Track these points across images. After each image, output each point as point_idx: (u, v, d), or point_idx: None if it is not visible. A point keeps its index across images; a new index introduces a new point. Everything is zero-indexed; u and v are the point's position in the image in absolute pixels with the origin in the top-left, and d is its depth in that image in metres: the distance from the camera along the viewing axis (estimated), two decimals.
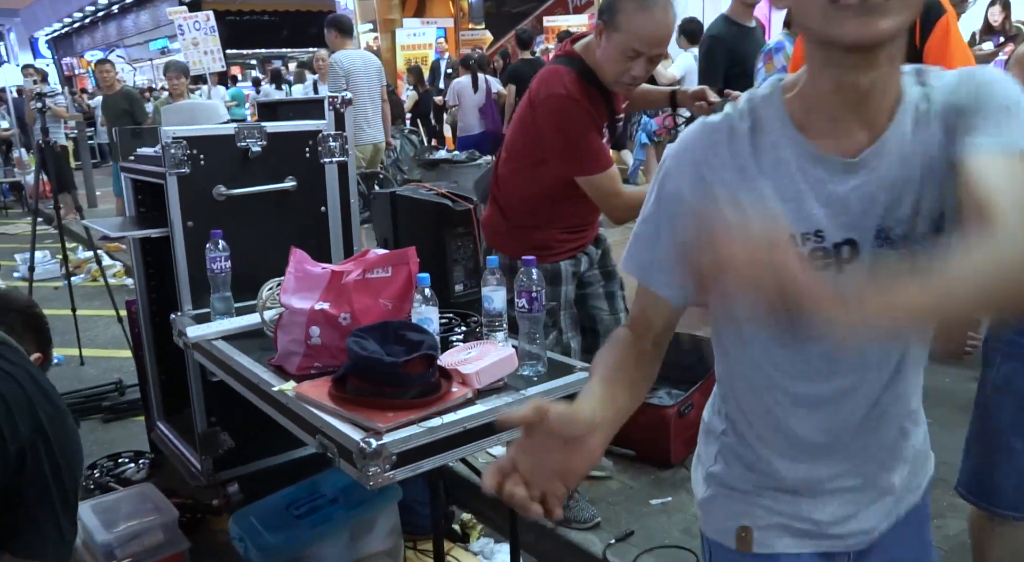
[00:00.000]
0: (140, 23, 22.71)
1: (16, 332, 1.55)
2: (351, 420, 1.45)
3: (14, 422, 1.31)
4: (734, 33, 3.71)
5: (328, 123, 2.36)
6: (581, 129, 2.01)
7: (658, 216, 0.94)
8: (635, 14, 1.86)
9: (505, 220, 2.23)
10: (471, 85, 7.66)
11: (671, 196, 0.92)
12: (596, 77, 2.02)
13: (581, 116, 1.99)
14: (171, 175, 2.11)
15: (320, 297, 1.69)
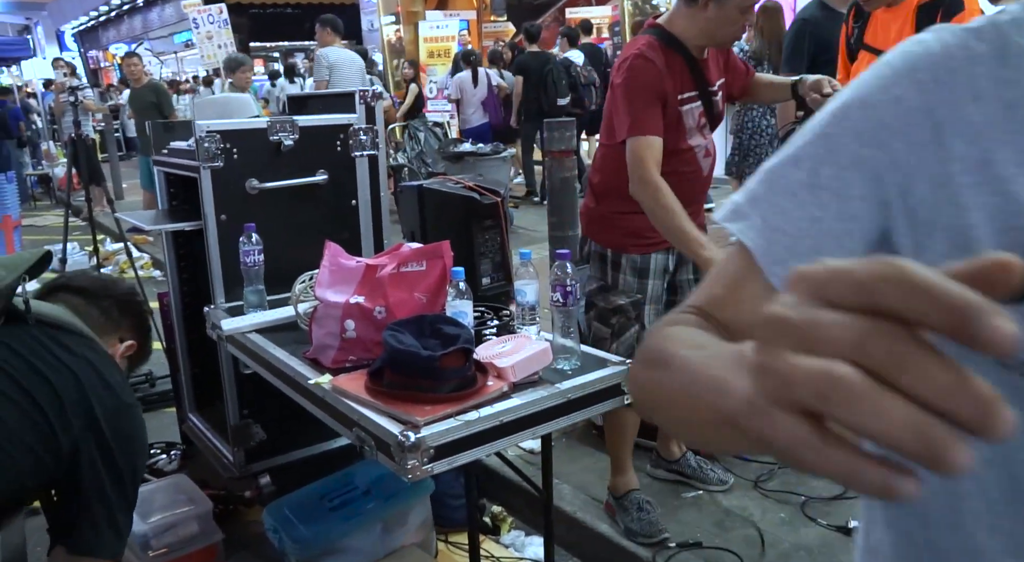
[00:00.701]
0: (165, 16, 22.87)
1: (111, 318, 1.54)
2: (389, 413, 1.45)
3: (66, 417, 1.29)
4: (825, 17, 3.46)
5: (359, 117, 2.36)
6: (640, 89, 1.99)
7: (827, 159, 0.56)
8: None
9: (599, 205, 2.21)
10: (471, 79, 7.95)
11: (865, 134, 0.55)
12: (682, 46, 2.03)
13: (647, 76, 1.98)
14: (205, 169, 2.12)
15: (355, 291, 1.70)
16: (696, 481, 2.52)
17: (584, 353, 1.69)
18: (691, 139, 2.11)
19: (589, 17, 11.66)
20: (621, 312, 2.18)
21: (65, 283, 1.58)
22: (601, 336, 2.18)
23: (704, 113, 2.13)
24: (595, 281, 2.25)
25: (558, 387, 1.55)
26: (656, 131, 2.00)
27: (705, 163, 2.16)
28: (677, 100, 2.05)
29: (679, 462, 2.53)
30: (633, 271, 2.19)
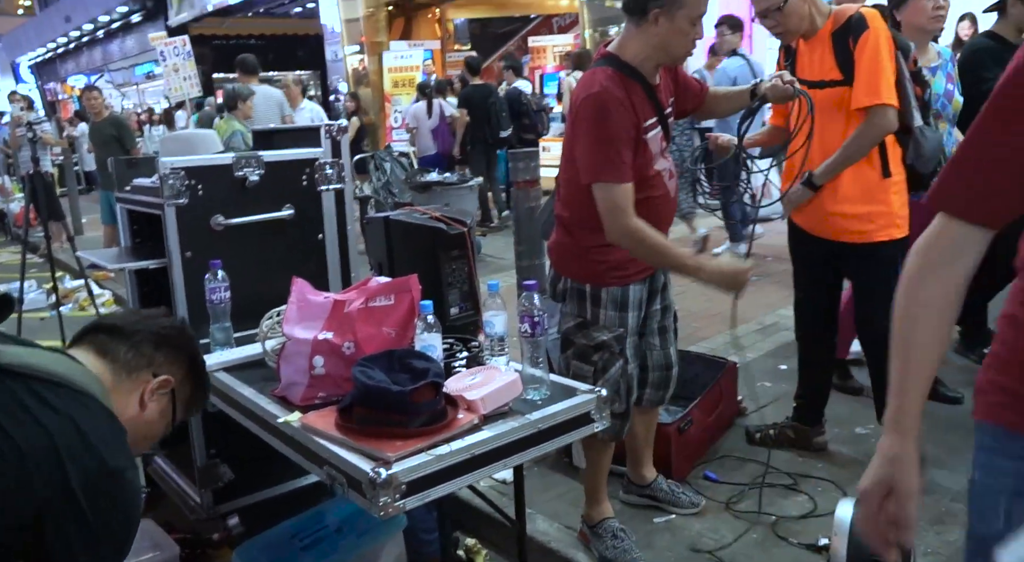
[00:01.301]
0: (126, 48, 22.72)
1: (142, 353, 1.39)
2: (359, 450, 1.45)
3: (28, 480, 1.14)
4: (1000, 47, 3.32)
5: (325, 151, 2.37)
6: (607, 126, 1.98)
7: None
8: None
9: (572, 240, 2.17)
10: (426, 110, 8.23)
11: None
12: (637, 73, 2.04)
13: (614, 110, 1.97)
14: (169, 206, 2.11)
15: (323, 327, 1.70)
16: (668, 505, 2.53)
17: (553, 383, 1.71)
18: (656, 164, 2.12)
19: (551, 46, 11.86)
20: (605, 348, 2.14)
21: (98, 323, 1.45)
22: (582, 375, 2.12)
23: (664, 136, 2.15)
24: (572, 318, 2.20)
25: (528, 418, 1.56)
26: (627, 175, 1.99)
27: (671, 185, 2.18)
28: (643, 128, 2.05)
29: (651, 487, 2.54)
30: (614, 304, 2.15)
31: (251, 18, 18.69)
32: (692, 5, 1.96)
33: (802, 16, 2.46)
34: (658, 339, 2.33)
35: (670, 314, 2.35)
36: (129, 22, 21.30)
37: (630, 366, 2.18)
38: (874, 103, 2.34)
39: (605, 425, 1.70)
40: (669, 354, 2.35)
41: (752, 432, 2.95)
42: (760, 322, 4.36)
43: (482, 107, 7.53)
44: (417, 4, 13.81)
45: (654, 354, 2.33)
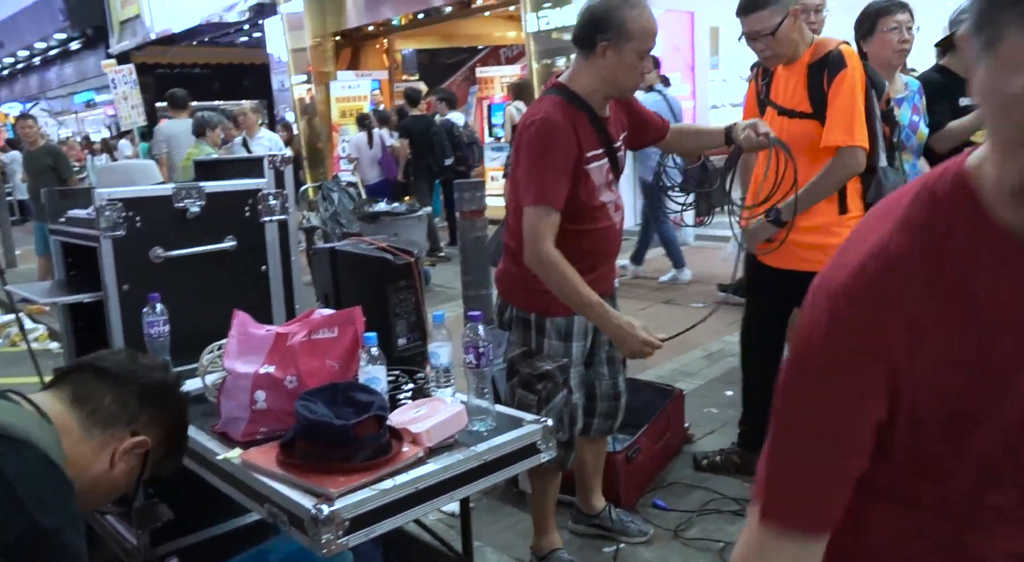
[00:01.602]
0: (64, 75, 22.22)
1: (126, 407, 1.29)
2: (301, 486, 1.42)
3: None
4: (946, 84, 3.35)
5: (268, 181, 2.34)
6: (545, 151, 1.98)
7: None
8: (640, 18, 2.00)
9: (518, 267, 2.15)
10: (367, 141, 8.61)
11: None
12: (586, 103, 2.06)
13: (556, 139, 1.98)
14: (105, 238, 2.06)
15: (265, 360, 1.67)
16: (617, 534, 2.53)
17: (499, 413, 1.70)
18: (601, 195, 2.12)
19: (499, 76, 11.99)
20: (548, 378, 2.15)
21: (92, 361, 1.35)
22: (527, 403, 2.14)
23: (611, 169, 2.16)
24: (518, 347, 2.20)
25: (474, 449, 1.55)
26: (557, 202, 1.99)
27: (616, 217, 2.19)
28: (585, 158, 2.06)
29: (599, 516, 2.54)
30: (558, 334, 2.15)
31: (196, 47, 18.48)
32: (639, 39, 1.99)
33: (790, 42, 2.47)
34: (607, 369, 2.33)
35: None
36: (68, 49, 20.87)
37: (575, 396, 2.19)
38: (846, 144, 2.35)
39: (551, 455, 1.70)
40: (618, 384, 2.36)
41: (699, 459, 2.98)
42: (706, 349, 4.43)
43: (423, 137, 7.77)
44: (364, 34, 13.84)
45: (603, 384, 2.33)
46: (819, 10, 3.22)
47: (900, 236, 0.72)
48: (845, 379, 0.74)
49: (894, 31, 2.85)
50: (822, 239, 2.48)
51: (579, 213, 2.07)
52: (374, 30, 13.60)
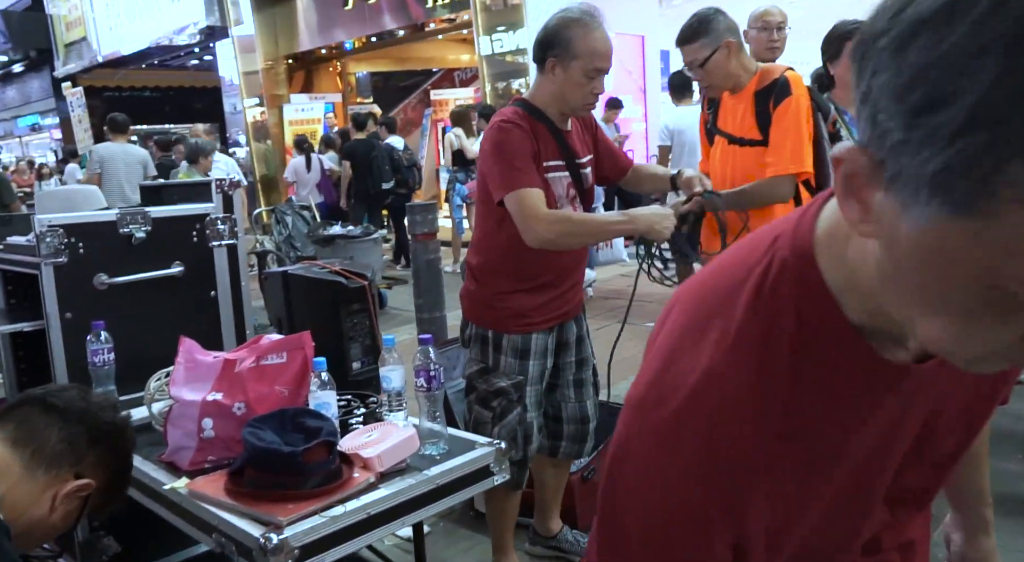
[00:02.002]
0: (6, 99, 21.69)
1: (74, 447, 1.25)
2: (249, 515, 1.40)
3: None
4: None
5: (216, 206, 2.32)
6: (511, 149, 2.01)
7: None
8: (587, 38, 2.00)
9: (479, 287, 2.17)
10: (305, 165, 8.83)
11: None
12: (546, 116, 2.09)
13: (514, 137, 2.01)
14: (46, 265, 2.02)
15: (212, 387, 1.64)
16: (574, 555, 2.53)
17: (452, 436, 1.70)
18: (562, 208, 2.12)
19: (453, 99, 12.05)
20: (503, 394, 2.14)
21: (40, 396, 1.30)
22: (482, 420, 2.14)
23: (573, 185, 2.15)
24: (476, 363, 2.21)
25: (426, 473, 1.55)
26: (531, 182, 1.99)
27: None
28: (543, 167, 2.06)
29: (556, 538, 2.54)
30: (514, 352, 2.15)
31: (146, 70, 18.21)
32: (585, 58, 2.00)
33: (727, 73, 2.50)
34: (573, 392, 2.32)
35: (587, 367, 2.34)
36: (10, 72, 20.40)
37: (529, 414, 2.18)
38: (778, 173, 2.39)
39: (505, 478, 1.70)
40: (586, 407, 2.34)
41: None
42: None
43: (365, 160, 7.96)
44: (317, 57, 13.81)
45: (569, 406, 2.32)
46: (781, 28, 3.30)
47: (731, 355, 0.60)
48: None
49: None
50: None
51: None
52: (327, 53, 13.58)
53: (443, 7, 10.34)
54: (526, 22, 8.99)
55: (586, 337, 2.34)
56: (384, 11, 11.20)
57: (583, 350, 2.32)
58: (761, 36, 3.40)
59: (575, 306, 2.27)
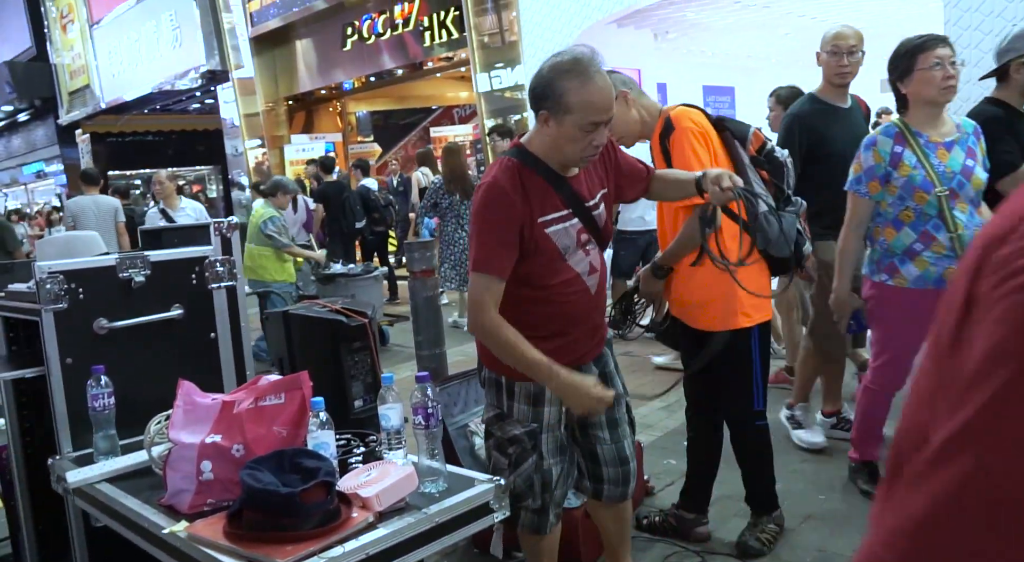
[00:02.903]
0: (12, 147, 21.97)
1: None
2: (248, 558, 1.39)
3: None
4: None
5: (214, 248, 2.34)
6: (489, 218, 1.92)
7: None
8: (581, 90, 1.86)
9: None
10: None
11: None
12: (544, 164, 1.99)
13: (498, 203, 1.92)
14: (47, 311, 2.03)
15: (211, 429, 1.65)
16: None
17: (451, 473, 1.70)
18: (570, 258, 2.02)
19: (452, 136, 12.17)
20: (517, 442, 2.07)
21: None
22: (500, 467, 2.08)
23: (585, 230, 2.04)
24: (492, 409, 2.14)
25: (425, 512, 1.54)
26: (498, 271, 1.92)
27: (591, 281, 2.07)
28: (539, 223, 1.96)
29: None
30: (527, 398, 2.07)
31: (148, 115, 18.47)
32: (580, 113, 1.87)
33: (629, 122, 2.51)
34: (607, 433, 2.19)
35: (620, 406, 2.21)
36: (16, 121, 20.69)
37: (547, 461, 2.09)
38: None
39: (505, 514, 1.69)
40: (623, 448, 2.21)
41: (640, 519, 2.89)
42: (664, 400, 4.45)
43: (337, 201, 8.34)
44: (317, 98, 14.00)
45: (605, 448, 2.19)
46: (853, 52, 3.19)
47: None
48: None
49: (936, 67, 2.60)
50: (706, 297, 2.49)
51: (539, 276, 1.99)
52: (326, 93, 13.77)
53: (440, 46, 10.51)
54: (523, 58, 9.13)
55: (615, 374, 2.24)
56: (382, 51, 11.38)
57: (612, 386, 2.17)
58: (831, 61, 3.27)
59: (592, 348, 2.15)
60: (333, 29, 11.98)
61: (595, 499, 2.26)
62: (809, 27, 10.15)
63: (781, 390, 4.00)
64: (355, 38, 11.65)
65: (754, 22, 9.94)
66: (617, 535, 2.37)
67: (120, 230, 7.45)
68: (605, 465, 2.20)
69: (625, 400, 2.25)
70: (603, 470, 2.21)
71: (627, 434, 2.24)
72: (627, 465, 2.22)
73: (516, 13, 9.11)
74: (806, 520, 2.90)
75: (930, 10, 7.07)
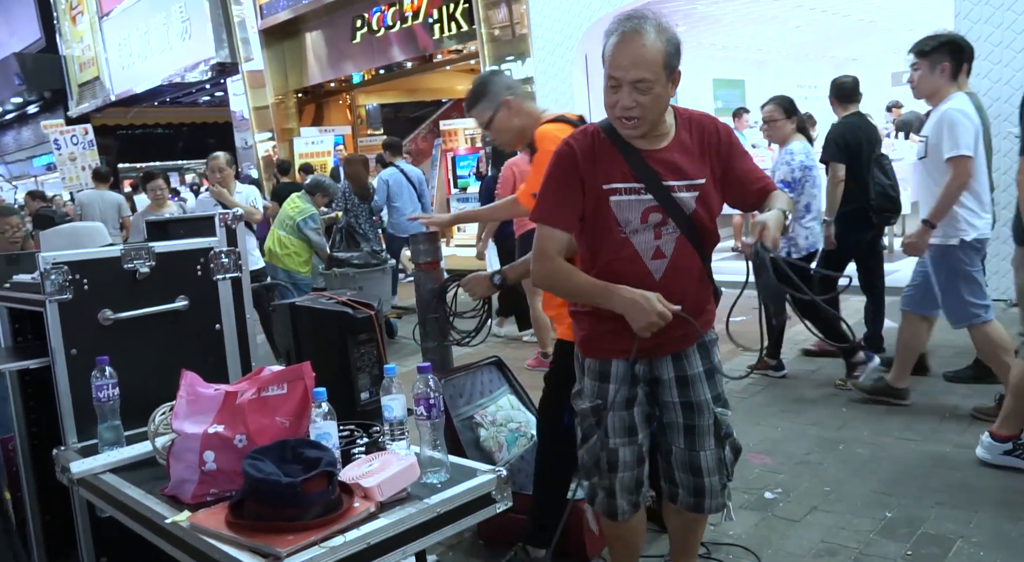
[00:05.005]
0: (22, 139, 22.08)
1: None
2: (250, 547, 1.39)
3: None
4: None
5: (220, 239, 2.34)
6: (551, 173, 1.95)
7: None
8: (607, 43, 1.87)
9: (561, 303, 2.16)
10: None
11: None
12: (617, 134, 1.93)
13: (561, 159, 1.95)
14: (51, 302, 2.03)
15: (214, 420, 1.65)
16: None
17: (453, 464, 1.69)
18: (633, 235, 1.93)
19: (463, 128, 12.16)
20: (585, 417, 2.05)
21: None
22: (578, 441, 2.09)
23: (660, 209, 1.91)
24: (577, 382, 2.12)
25: (427, 502, 1.54)
26: (559, 222, 1.94)
27: (655, 265, 1.94)
28: (603, 190, 1.91)
29: None
30: (592, 374, 2.04)
31: (158, 107, 18.53)
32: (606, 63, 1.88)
33: (510, 130, 2.58)
34: (683, 438, 2.04)
35: (701, 414, 2.03)
36: (25, 113, 20.78)
37: (613, 440, 2.02)
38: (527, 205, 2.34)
39: (508, 505, 1.68)
40: (698, 458, 2.04)
41: None
42: None
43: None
44: (327, 91, 14.00)
45: (677, 452, 2.07)
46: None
47: None
48: None
49: None
50: (552, 311, 2.52)
51: (593, 244, 1.97)
52: (336, 86, 13.77)
53: (450, 38, 10.48)
54: (532, 51, 9.10)
55: (698, 381, 2.03)
56: (392, 43, 11.36)
57: (691, 393, 2.03)
58: None
59: (664, 344, 1.98)
60: (343, 21, 11.97)
61: (670, 502, 2.15)
62: (820, 20, 10.09)
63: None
64: (365, 31, 11.64)
65: (765, 15, 9.88)
66: (681, 543, 2.25)
67: (125, 224, 7.90)
68: (677, 468, 2.08)
69: (715, 412, 2.04)
70: (675, 473, 2.09)
71: (708, 446, 2.04)
72: (701, 477, 2.05)
73: (526, 6, 9.07)
74: (811, 512, 2.90)
75: (940, 2, 7.00)
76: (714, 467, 2.05)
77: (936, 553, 2.55)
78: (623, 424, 2.03)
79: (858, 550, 2.60)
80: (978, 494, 2.92)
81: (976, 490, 2.96)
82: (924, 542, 2.62)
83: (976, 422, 3.61)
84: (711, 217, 1.98)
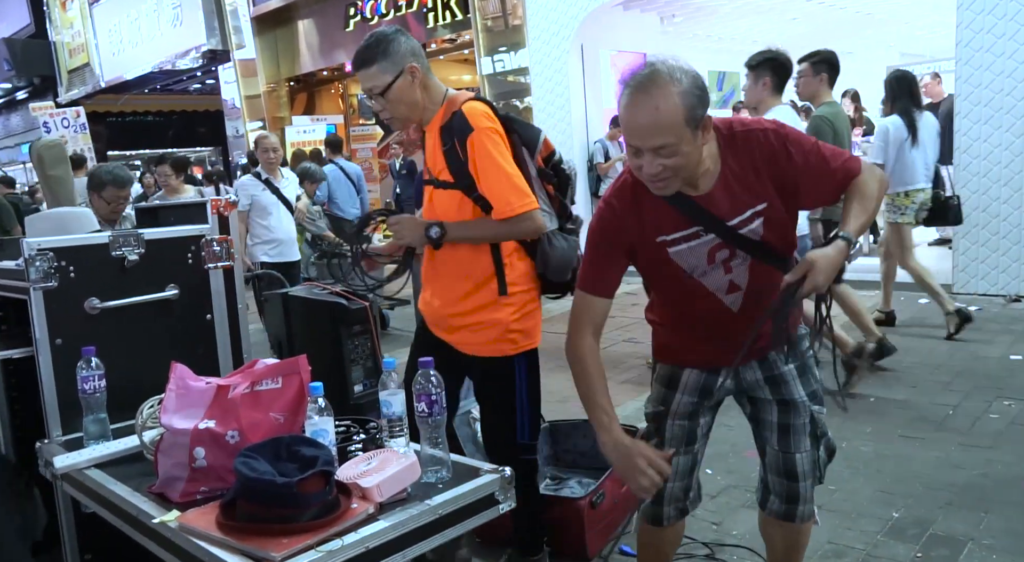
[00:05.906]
0: (10, 126, 21.82)
1: None
2: (241, 550, 1.32)
3: None
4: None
5: (211, 227, 2.26)
6: (592, 238, 1.83)
7: None
8: (622, 109, 1.65)
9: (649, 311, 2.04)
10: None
11: None
12: None
13: (603, 222, 1.81)
14: (36, 290, 1.95)
15: (205, 414, 1.57)
16: None
17: (455, 463, 1.63)
18: (702, 277, 1.81)
19: None
20: (649, 420, 2.00)
21: None
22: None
23: (726, 245, 1.77)
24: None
25: (428, 503, 1.47)
26: (598, 290, 1.82)
27: (731, 299, 1.83)
28: (658, 243, 1.78)
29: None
30: (661, 381, 1.99)
31: (148, 94, 18.33)
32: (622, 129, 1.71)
33: (411, 103, 2.19)
34: (777, 438, 1.93)
35: (797, 414, 1.91)
36: (14, 99, 20.53)
37: (667, 448, 1.91)
38: (516, 213, 2.12)
39: (512, 505, 1.62)
40: (792, 460, 1.91)
41: None
42: None
43: None
44: (319, 79, 13.86)
45: (769, 453, 1.96)
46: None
47: None
48: None
49: None
50: (477, 318, 2.25)
51: (665, 291, 1.92)
52: (328, 75, 13.63)
53: (444, 27, 10.37)
54: (527, 42, 9.01)
55: (791, 381, 1.91)
56: None
57: (784, 391, 1.91)
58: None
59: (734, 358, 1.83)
60: (336, 9, 11.84)
61: (761, 508, 2.04)
62: (816, 12, 10.04)
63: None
64: (358, 19, 11.51)
65: (761, 6, 9.81)
66: (776, 552, 2.12)
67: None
68: (770, 472, 1.97)
69: (811, 411, 1.91)
70: (769, 476, 1.98)
71: (803, 448, 1.91)
72: (796, 483, 1.93)
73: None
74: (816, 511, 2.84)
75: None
76: (809, 470, 1.93)
77: (947, 555, 2.50)
78: (683, 433, 1.95)
79: (866, 552, 2.55)
80: (986, 494, 2.88)
81: (984, 490, 2.91)
82: (934, 544, 2.57)
83: (979, 420, 3.57)
84: (784, 232, 1.82)
